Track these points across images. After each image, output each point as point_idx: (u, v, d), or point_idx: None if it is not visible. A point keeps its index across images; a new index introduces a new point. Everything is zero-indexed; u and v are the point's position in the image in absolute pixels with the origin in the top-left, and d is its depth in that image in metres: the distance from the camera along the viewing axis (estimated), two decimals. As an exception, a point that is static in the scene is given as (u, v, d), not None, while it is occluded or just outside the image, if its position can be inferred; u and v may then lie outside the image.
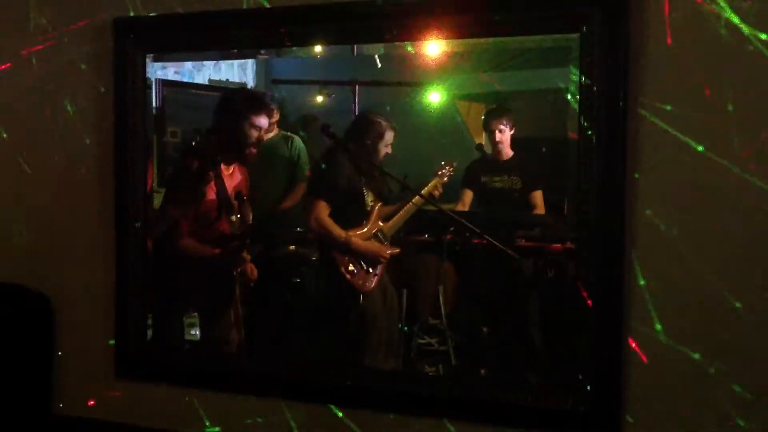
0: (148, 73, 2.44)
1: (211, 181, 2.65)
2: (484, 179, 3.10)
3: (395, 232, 3.01)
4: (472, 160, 3.13)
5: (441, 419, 2.11)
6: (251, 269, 2.76)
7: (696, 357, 1.86)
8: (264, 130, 2.85)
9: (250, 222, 2.68)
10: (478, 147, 3.13)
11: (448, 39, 2.11)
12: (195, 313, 2.68)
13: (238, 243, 2.68)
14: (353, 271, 2.92)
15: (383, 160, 2.98)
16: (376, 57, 2.88)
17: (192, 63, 3.06)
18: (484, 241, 2.69)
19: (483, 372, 2.70)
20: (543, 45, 2.12)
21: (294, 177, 3.35)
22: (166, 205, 2.68)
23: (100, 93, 2.44)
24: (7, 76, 2.57)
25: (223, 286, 2.73)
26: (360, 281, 2.92)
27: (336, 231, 2.91)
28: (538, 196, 2.93)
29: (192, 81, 3.11)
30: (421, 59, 2.72)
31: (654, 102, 1.86)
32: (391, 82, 3.25)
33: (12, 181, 2.60)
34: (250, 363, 2.37)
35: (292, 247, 3.14)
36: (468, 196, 3.10)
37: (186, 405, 2.38)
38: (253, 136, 2.80)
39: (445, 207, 2.99)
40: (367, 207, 2.99)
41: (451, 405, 2.10)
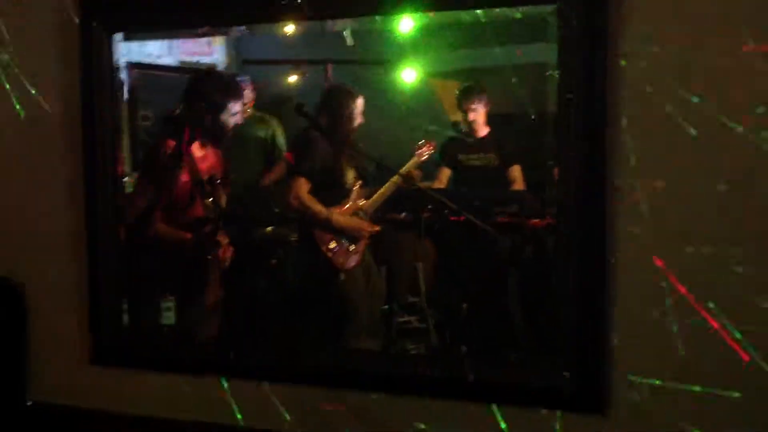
0: (115, 54, 2.37)
1: (184, 164, 2.61)
2: (460, 157, 3.10)
3: (375, 210, 3.00)
4: (448, 137, 3.12)
5: (424, 398, 2.10)
6: (224, 251, 2.71)
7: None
8: (239, 114, 2.79)
9: (224, 205, 2.64)
10: (454, 125, 3.13)
11: (423, 12, 2.05)
12: (172, 298, 2.65)
13: (211, 226, 2.64)
14: (334, 248, 2.90)
15: (356, 130, 2.95)
16: (345, 34, 2.85)
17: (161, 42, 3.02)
18: (462, 218, 2.68)
19: (464, 349, 2.71)
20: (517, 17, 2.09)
21: (271, 157, 3.33)
22: (140, 189, 2.64)
23: (66, 75, 2.38)
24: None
25: (198, 270, 2.69)
26: (341, 259, 2.91)
27: (317, 207, 2.89)
28: (516, 170, 2.94)
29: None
30: (392, 36, 2.70)
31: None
32: (365, 60, 3.23)
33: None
34: (226, 346, 2.34)
35: (269, 228, 3.12)
36: (445, 173, 3.11)
37: (163, 390, 2.35)
38: (230, 123, 2.74)
39: (422, 185, 2.99)
40: (347, 184, 2.97)
41: (433, 384, 2.09)
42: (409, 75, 3.16)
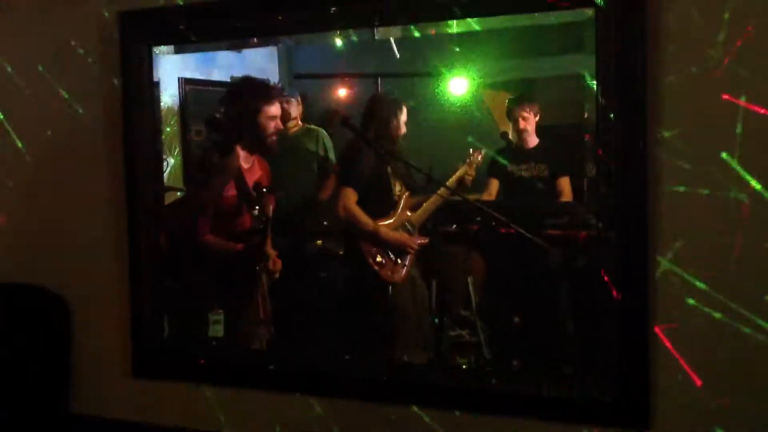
0: (156, 66, 2.40)
1: (233, 175, 2.64)
2: (510, 168, 3.06)
3: (423, 223, 2.98)
4: (498, 148, 3.09)
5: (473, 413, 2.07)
6: (274, 262, 2.73)
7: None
8: (279, 118, 2.82)
9: (271, 215, 2.66)
10: (503, 135, 3.09)
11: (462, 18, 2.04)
12: (220, 310, 2.67)
13: (260, 237, 2.66)
14: (381, 261, 2.89)
15: (401, 139, 2.94)
16: (393, 44, 2.86)
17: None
18: (512, 231, 2.64)
19: (515, 364, 2.66)
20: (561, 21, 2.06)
21: (324, 169, 3.34)
22: (189, 201, 2.68)
23: (108, 89, 2.42)
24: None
25: (246, 282, 2.71)
26: (388, 272, 2.89)
27: (364, 219, 2.89)
28: (565, 182, 2.88)
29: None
30: (440, 46, 2.69)
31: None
32: (415, 72, 3.22)
33: (22, 182, 2.60)
34: (275, 358, 2.34)
35: (319, 242, 3.13)
36: (494, 185, 3.07)
37: (204, 403, 2.37)
38: (269, 127, 2.78)
39: (471, 197, 2.95)
40: (394, 196, 2.96)
41: (483, 398, 2.06)
42: (458, 85, 3.14)
